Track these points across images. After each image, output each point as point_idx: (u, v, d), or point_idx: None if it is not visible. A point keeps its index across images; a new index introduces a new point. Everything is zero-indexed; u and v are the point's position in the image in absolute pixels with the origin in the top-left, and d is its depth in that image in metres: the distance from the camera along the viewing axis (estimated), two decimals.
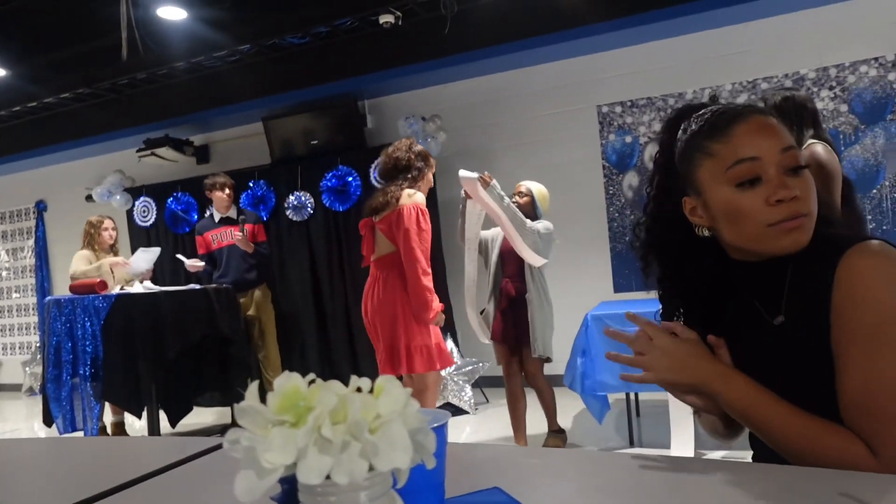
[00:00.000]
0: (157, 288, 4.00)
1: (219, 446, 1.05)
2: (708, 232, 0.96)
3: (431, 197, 3.72)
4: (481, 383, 4.85)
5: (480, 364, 4.61)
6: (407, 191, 2.93)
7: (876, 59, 4.28)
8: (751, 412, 0.86)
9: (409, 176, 2.98)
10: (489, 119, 5.34)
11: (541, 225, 3.19)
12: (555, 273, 5.08)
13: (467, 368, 4.63)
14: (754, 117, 0.90)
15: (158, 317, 3.72)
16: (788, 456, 0.84)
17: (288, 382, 0.48)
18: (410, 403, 0.47)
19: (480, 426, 4.17)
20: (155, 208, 6.22)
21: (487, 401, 4.81)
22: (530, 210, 3.31)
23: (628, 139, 4.94)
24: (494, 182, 2.99)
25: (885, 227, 4.26)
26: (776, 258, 0.90)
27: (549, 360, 3.26)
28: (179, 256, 4.74)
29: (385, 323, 2.94)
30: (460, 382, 4.59)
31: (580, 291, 4.95)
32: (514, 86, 5.23)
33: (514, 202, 3.25)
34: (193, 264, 4.63)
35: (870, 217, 4.28)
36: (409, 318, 2.92)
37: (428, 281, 2.88)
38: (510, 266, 3.24)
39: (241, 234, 4.57)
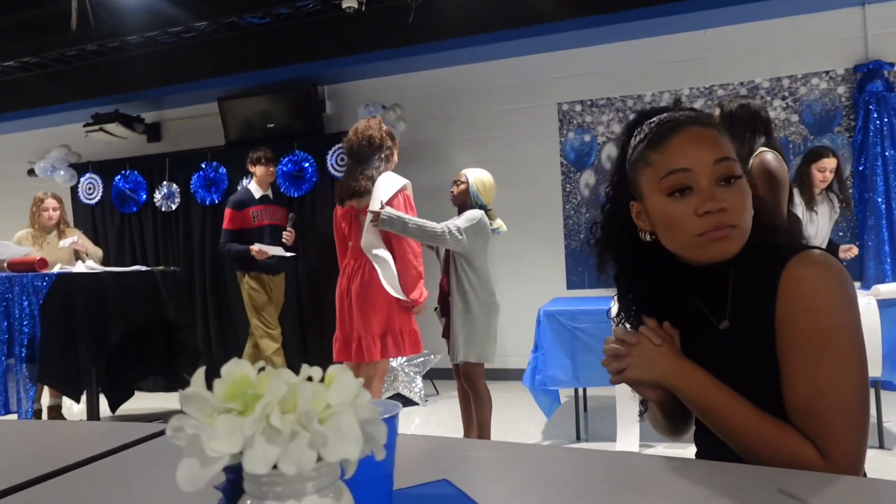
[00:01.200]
0: (100, 268, 3.86)
1: (160, 433, 1.02)
2: (650, 237, 0.99)
3: None
4: (432, 375, 4.86)
5: (431, 356, 4.62)
6: (385, 174, 2.91)
7: (827, 72, 4.45)
8: (709, 409, 0.89)
9: (383, 155, 2.94)
10: (450, 111, 5.33)
11: (461, 220, 2.91)
12: (509, 268, 5.15)
13: (418, 360, 4.64)
14: (691, 129, 0.92)
15: (101, 298, 3.59)
16: (740, 451, 0.87)
17: (236, 370, 0.46)
18: (361, 394, 0.46)
19: (430, 418, 4.18)
20: (101, 186, 5.99)
21: (438, 393, 4.83)
22: (466, 198, 3.03)
23: (587, 138, 5.01)
24: (386, 210, 2.77)
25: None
26: (719, 263, 0.93)
27: (477, 362, 2.97)
28: (259, 246, 4.26)
29: (372, 308, 2.89)
30: (411, 374, 4.59)
31: (534, 287, 5.02)
32: (476, 79, 5.23)
33: (450, 192, 3.13)
34: (262, 250, 4.24)
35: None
36: (392, 305, 2.92)
37: (419, 264, 2.90)
38: (445, 262, 3.14)
39: (292, 231, 4.42)
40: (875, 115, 4.25)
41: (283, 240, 4.41)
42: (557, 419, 3.77)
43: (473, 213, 2.94)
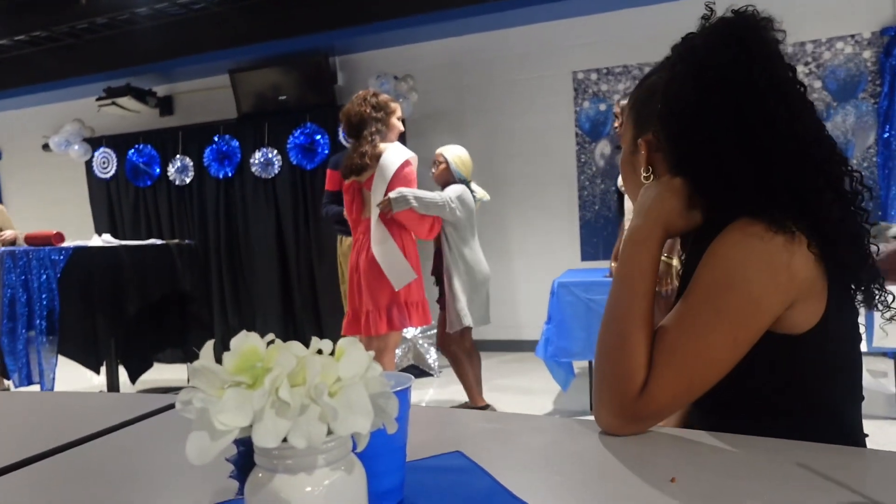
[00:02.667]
0: (116, 242, 3.89)
1: (173, 405, 1.03)
2: None
3: None
4: None
5: None
6: (381, 146, 2.88)
7: (852, 36, 4.31)
8: (622, 273, 0.86)
9: (373, 129, 2.91)
10: (462, 81, 5.26)
11: (450, 192, 3.11)
12: (523, 239, 5.12)
13: (432, 332, 4.65)
14: None
15: (118, 272, 3.63)
16: (600, 343, 0.85)
17: (245, 342, 0.46)
18: (372, 367, 0.46)
19: (444, 389, 4.21)
20: (115, 160, 6.02)
21: None
22: (448, 177, 3.23)
23: (602, 107, 4.92)
24: (393, 193, 2.84)
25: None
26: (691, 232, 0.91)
27: (468, 327, 3.23)
28: None
29: (377, 281, 2.90)
30: (425, 345, 4.61)
31: (548, 258, 5.00)
32: (489, 48, 5.15)
33: (431, 172, 3.30)
34: None
35: None
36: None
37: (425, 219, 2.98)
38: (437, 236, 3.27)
39: None
40: None
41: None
42: (570, 391, 3.78)
43: (458, 188, 3.16)
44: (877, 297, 0.84)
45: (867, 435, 0.89)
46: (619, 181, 3.09)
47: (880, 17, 4.25)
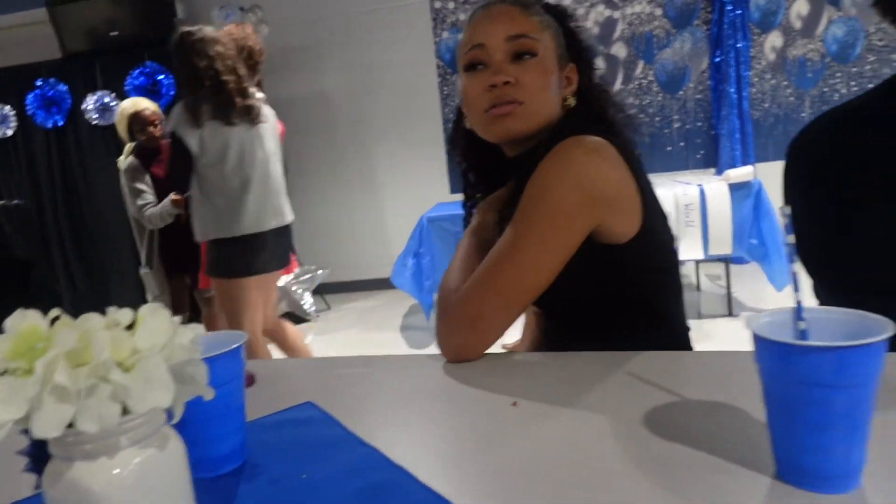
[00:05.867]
0: None
1: None
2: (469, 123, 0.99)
3: None
4: (323, 290, 4.81)
5: (320, 271, 4.56)
6: (259, 94, 2.68)
7: None
8: (459, 248, 1.00)
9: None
10: (315, 12, 4.98)
11: None
12: (390, 175, 5.08)
13: (305, 277, 4.55)
14: (494, 6, 0.92)
15: None
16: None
17: (22, 322, 0.40)
18: (178, 334, 0.42)
19: (323, 335, 4.17)
20: None
21: (329, 307, 4.81)
22: None
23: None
24: None
25: (688, 126, 4.69)
26: (528, 153, 0.92)
27: None
28: None
29: None
30: (299, 291, 4.52)
31: (416, 193, 5.00)
32: None
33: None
34: None
35: (676, 117, 4.69)
36: None
37: None
38: None
39: None
40: (730, 8, 4.41)
41: None
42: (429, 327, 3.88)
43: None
44: None
45: (689, 328, 0.97)
46: None
47: None
